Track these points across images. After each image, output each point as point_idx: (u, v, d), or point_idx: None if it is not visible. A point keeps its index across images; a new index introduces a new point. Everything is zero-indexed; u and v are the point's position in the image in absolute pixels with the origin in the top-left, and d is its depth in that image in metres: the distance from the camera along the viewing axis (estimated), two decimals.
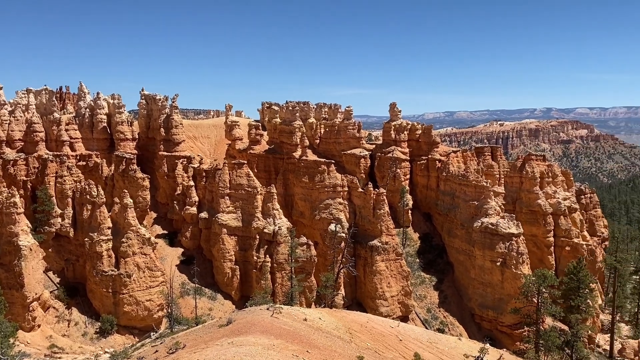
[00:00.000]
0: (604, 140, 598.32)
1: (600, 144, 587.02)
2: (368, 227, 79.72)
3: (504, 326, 74.57)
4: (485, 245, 75.13)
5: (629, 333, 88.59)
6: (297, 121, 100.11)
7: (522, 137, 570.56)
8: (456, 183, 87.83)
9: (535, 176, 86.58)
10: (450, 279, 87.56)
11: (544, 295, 61.38)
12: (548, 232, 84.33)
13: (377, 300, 76.15)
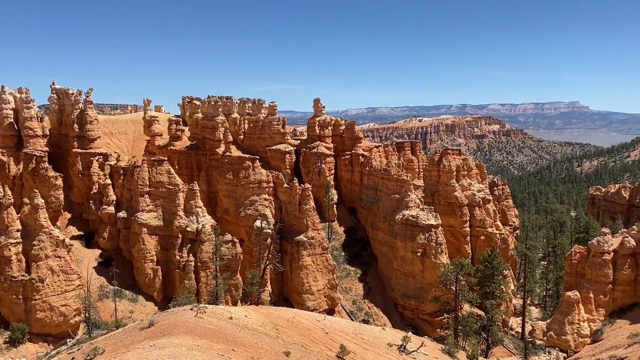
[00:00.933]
0: (514, 134, 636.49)
1: (511, 138, 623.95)
2: (294, 222, 79.93)
3: (425, 314, 77.48)
4: (407, 236, 77.61)
5: (539, 315, 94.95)
6: (220, 116, 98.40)
7: (439, 132, 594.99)
8: (379, 177, 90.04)
9: (451, 170, 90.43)
10: (374, 271, 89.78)
11: (462, 283, 64.39)
12: (464, 223, 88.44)
13: (303, 294, 76.59)
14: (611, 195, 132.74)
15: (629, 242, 64.66)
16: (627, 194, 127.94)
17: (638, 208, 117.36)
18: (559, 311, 65.41)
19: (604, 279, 64.21)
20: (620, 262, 64.57)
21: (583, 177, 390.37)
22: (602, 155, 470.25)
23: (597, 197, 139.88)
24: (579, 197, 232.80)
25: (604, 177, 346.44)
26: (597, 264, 64.80)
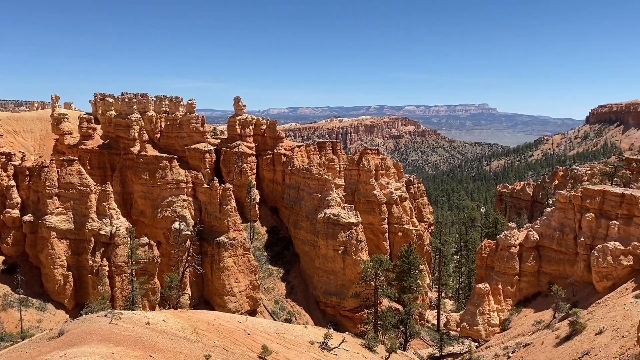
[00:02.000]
0: (428, 135, 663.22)
1: (426, 138, 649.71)
2: (215, 223, 78.46)
3: (346, 310, 78.86)
4: (328, 235, 78.58)
5: (453, 307, 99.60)
6: (134, 114, 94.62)
7: (359, 132, 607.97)
8: (301, 177, 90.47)
9: (371, 169, 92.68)
10: (297, 270, 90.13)
11: (381, 279, 66.12)
12: (383, 220, 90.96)
13: (225, 296, 75.40)
14: (517, 192, 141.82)
15: (533, 236, 69.27)
16: (531, 191, 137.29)
17: (541, 204, 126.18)
18: (470, 303, 68.93)
19: (511, 270, 68.39)
20: (525, 254, 69.07)
21: (492, 175, 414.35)
22: (509, 155, 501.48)
23: (504, 194, 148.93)
24: (488, 194, 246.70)
25: (510, 175, 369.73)
26: (504, 257, 68.89)
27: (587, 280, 63.03)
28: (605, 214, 64.13)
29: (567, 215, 68.26)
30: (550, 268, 68.06)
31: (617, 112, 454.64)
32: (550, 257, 68.37)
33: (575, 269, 64.96)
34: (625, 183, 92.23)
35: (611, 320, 49.96)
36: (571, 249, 66.41)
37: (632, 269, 58.55)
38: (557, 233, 67.93)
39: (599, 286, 59.94)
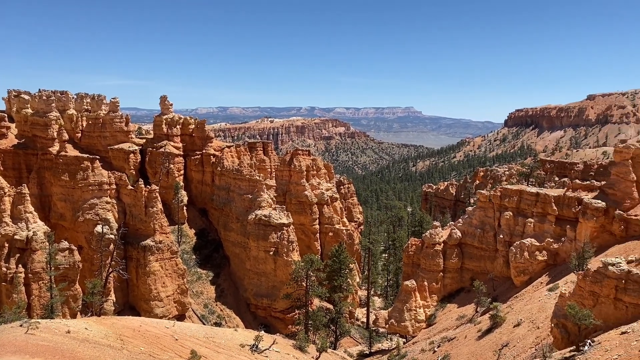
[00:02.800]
0: (358, 137, 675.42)
1: (355, 140, 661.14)
2: (140, 226, 75.78)
3: (277, 312, 78.68)
4: (259, 236, 78.07)
5: (381, 305, 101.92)
6: (53, 112, 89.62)
7: (290, 133, 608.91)
8: (231, 177, 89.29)
9: (302, 169, 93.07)
10: (227, 273, 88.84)
11: (312, 279, 66.55)
12: (314, 221, 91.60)
13: (151, 302, 73.00)
14: (441, 192, 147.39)
15: (456, 234, 72.15)
16: (454, 191, 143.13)
17: (463, 203, 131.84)
18: (398, 300, 70.82)
19: (435, 267, 70.86)
20: (449, 251, 71.82)
21: (418, 175, 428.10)
22: (433, 156, 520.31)
23: (429, 193, 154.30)
24: (414, 194, 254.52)
25: (435, 176, 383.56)
26: (430, 255, 71.30)
27: (506, 275, 66.51)
28: (522, 212, 67.95)
29: (487, 214, 71.72)
30: (472, 264, 71.21)
31: (532, 116, 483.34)
32: (472, 254, 71.53)
33: (495, 264, 68.37)
34: (540, 183, 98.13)
35: (528, 312, 52.97)
36: (491, 245, 69.83)
37: (547, 263, 62.39)
38: (478, 231, 71.20)
39: (516, 281, 63.42)
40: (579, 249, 55.06)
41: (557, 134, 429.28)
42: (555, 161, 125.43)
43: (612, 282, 34.94)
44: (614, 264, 35.48)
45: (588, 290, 36.43)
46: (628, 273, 34.68)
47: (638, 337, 30.54)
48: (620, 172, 59.58)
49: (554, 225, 63.85)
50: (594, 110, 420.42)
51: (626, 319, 33.65)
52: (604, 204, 58.29)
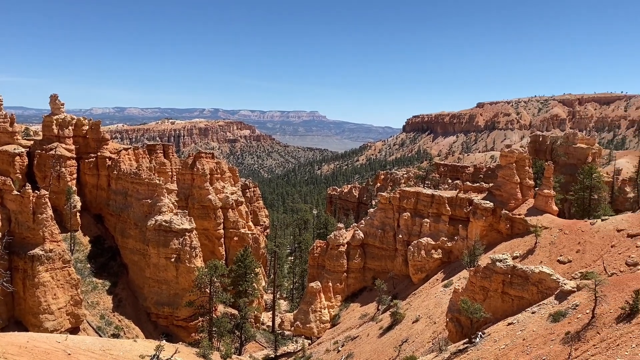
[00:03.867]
0: (264, 140, 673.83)
1: (261, 143, 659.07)
2: (27, 234, 70.01)
3: (179, 320, 76.19)
4: (160, 242, 75.18)
5: (287, 308, 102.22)
6: None
7: (193, 135, 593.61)
8: (129, 182, 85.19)
9: (205, 173, 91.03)
10: (125, 281, 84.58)
11: (216, 285, 65.26)
12: (218, 225, 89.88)
13: (41, 315, 67.68)
14: (345, 194, 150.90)
15: (358, 235, 74.13)
16: (357, 193, 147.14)
17: (366, 205, 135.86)
18: (303, 302, 71.44)
19: (340, 268, 72.31)
20: (352, 252, 73.61)
21: (323, 178, 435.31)
22: (338, 160, 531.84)
23: (333, 196, 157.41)
24: (319, 196, 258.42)
25: (339, 179, 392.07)
26: (334, 256, 72.65)
27: (406, 274, 69.42)
28: (419, 212, 71.28)
29: (388, 215, 74.48)
30: (374, 264, 73.57)
31: (428, 122, 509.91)
32: (374, 253, 73.90)
33: (395, 263, 71.15)
34: (435, 185, 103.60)
35: (425, 308, 55.63)
36: (391, 245, 72.58)
37: (441, 261, 65.92)
38: (379, 231, 73.71)
39: (414, 278, 66.40)
40: (470, 246, 58.81)
41: (450, 139, 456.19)
42: (448, 164, 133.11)
43: (500, 277, 37.64)
44: (501, 260, 38.25)
45: (479, 285, 38.96)
46: (513, 268, 37.53)
47: (522, 327, 33.14)
48: (506, 174, 64.47)
49: (448, 224, 67.70)
50: (483, 117, 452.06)
51: (512, 310, 36.42)
52: (492, 205, 62.75)
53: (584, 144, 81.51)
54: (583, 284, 33.74)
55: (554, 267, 48.55)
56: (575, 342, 28.95)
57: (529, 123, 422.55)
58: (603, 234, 52.05)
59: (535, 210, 61.29)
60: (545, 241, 55.39)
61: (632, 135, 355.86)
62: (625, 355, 26.02)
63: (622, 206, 77.00)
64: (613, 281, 33.04)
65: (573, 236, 54.17)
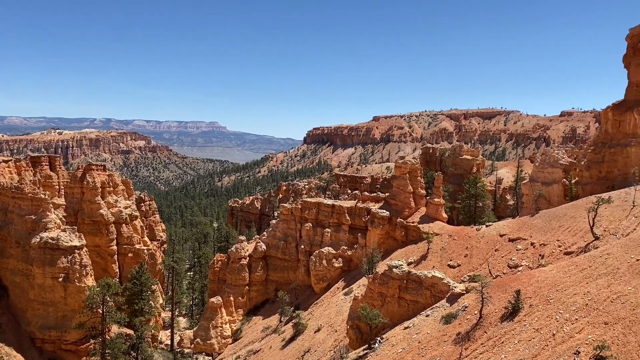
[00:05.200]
0: (160, 151, 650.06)
1: (157, 154, 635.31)
2: None
3: (69, 344, 70.87)
4: (46, 262, 69.64)
5: (186, 325, 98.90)
6: None
7: (82, 146, 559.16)
8: (9, 196, 78.15)
9: (96, 186, 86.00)
10: (5, 305, 77.19)
11: (109, 304, 61.65)
12: (111, 241, 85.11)
13: None
14: (246, 206, 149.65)
15: (261, 247, 73.84)
16: (259, 205, 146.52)
17: (268, 216, 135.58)
18: (204, 318, 69.64)
19: (241, 281, 71.48)
20: (255, 264, 73.12)
21: (223, 190, 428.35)
22: (239, 171, 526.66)
23: (235, 208, 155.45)
24: (220, 209, 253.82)
25: (240, 191, 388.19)
26: (235, 269, 71.70)
27: (308, 284, 70.14)
28: (320, 222, 72.53)
29: (290, 226, 74.98)
30: (277, 275, 73.59)
31: (327, 134, 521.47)
32: (276, 265, 73.94)
33: (298, 274, 71.67)
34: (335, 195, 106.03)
35: (327, 317, 56.51)
36: (294, 256, 73.08)
37: (342, 269, 67.44)
38: (281, 242, 73.94)
39: (316, 288, 67.28)
40: (369, 254, 60.79)
41: (349, 151, 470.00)
42: (347, 175, 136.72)
43: (396, 283, 39.25)
44: (397, 266, 39.93)
45: (377, 291, 40.34)
46: (408, 274, 39.32)
47: (418, 331, 34.76)
48: (400, 184, 67.59)
49: (348, 233, 69.54)
50: (378, 130, 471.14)
51: (408, 315, 38.10)
52: (388, 213, 65.45)
53: (469, 156, 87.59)
54: (471, 286, 36.14)
55: (445, 271, 51.54)
56: (466, 342, 30.88)
57: (420, 136, 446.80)
58: (488, 239, 56.19)
59: (427, 218, 64.80)
60: (437, 247, 58.69)
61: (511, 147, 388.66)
62: (509, 352, 28.19)
63: (504, 213, 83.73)
64: (497, 283, 35.72)
65: (461, 242, 57.91)
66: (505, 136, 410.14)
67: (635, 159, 60.33)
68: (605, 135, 66.03)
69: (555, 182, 64.51)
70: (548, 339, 27.53)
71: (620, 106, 64.22)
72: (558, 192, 64.16)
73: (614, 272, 30.76)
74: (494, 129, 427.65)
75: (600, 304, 28.20)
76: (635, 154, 60.55)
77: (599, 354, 24.20)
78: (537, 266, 44.21)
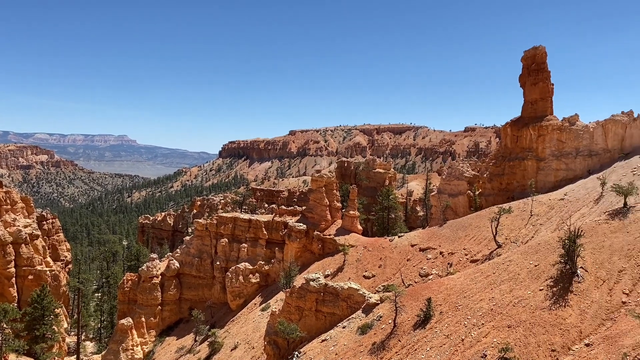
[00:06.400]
0: (64, 165, 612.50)
1: (61, 169, 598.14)
2: None
3: None
4: None
5: (94, 349, 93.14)
6: None
7: None
8: None
9: None
10: None
11: (6, 332, 56.86)
12: (9, 263, 78.60)
13: None
14: (158, 223, 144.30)
15: (174, 264, 71.47)
16: (172, 221, 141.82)
17: (181, 233, 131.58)
18: (113, 341, 66.02)
19: (153, 301, 68.67)
20: (167, 283, 70.60)
21: (133, 207, 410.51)
22: (150, 186, 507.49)
23: (146, 225, 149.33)
24: (130, 226, 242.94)
25: (152, 207, 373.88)
26: (147, 289, 68.80)
27: (224, 301, 68.71)
28: (237, 238, 71.51)
29: (205, 242, 73.28)
30: (191, 294, 71.47)
31: (244, 148, 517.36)
32: (190, 283, 71.83)
33: (213, 291, 70.02)
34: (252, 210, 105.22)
35: (244, 334, 55.59)
36: (209, 273, 71.40)
37: (259, 285, 66.80)
38: (196, 260, 72.02)
39: (233, 304, 66.06)
40: (286, 268, 60.69)
41: (266, 165, 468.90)
42: (264, 189, 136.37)
43: (314, 296, 39.46)
44: (314, 279, 40.18)
45: (294, 305, 40.31)
46: (325, 286, 39.68)
47: (335, 343, 35.08)
48: (317, 197, 68.33)
49: (265, 248, 69.09)
50: (295, 144, 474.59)
51: (326, 327, 38.37)
52: (305, 227, 65.84)
53: (382, 169, 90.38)
54: (385, 296, 37.11)
55: (361, 282, 52.59)
56: (381, 351, 31.60)
57: (335, 150, 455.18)
58: (400, 250, 58.08)
59: (343, 230, 65.92)
60: (353, 258, 59.78)
61: (420, 161, 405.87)
62: (422, 359, 29.17)
63: (415, 223, 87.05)
64: (410, 292, 36.96)
65: (376, 253, 59.41)
66: (415, 150, 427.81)
67: (532, 172, 65.23)
68: (505, 149, 70.85)
69: (461, 193, 68.09)
70: (457, 344, 28.82)
71: (518, 122, 69.29)
72: (464, 203, 67.74)
73: (515, 278, 32.86)
74: (404, 143, 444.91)
75: (504, 308, 29.98)
76: (531, 167, 65.45)
77: (504, 356, 25.67)
78: (446, 274, 46.30)
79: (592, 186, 54.70)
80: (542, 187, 63.14)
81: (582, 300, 28.77)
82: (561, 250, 31.83)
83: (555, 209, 53.19)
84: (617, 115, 64.27)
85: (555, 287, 30.11)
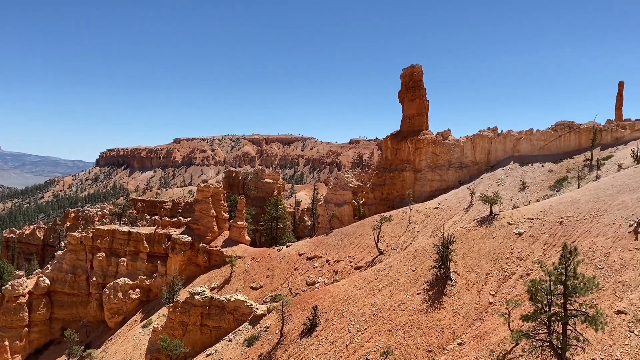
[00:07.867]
0: None
1: None
2: None
3: None
4: None
5: None
6: None
7: None
8: None
9: None
10: None
11: None
12: None
13: None
14: (26, 237, 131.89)
15: (43, 282, 65.75)
16: (42, 235, 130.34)
17: (53, 247, 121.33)
18: None
19: (19, 323, 62.63)
20: (36, 302, 64.76)
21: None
22: (17, 197, 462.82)
23: (11, 239, 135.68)
24: None
25: (19, 219, 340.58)
26: (12, 309, 62.62)
27: (101, 319, 64.37)
28: (115, 252, 67.49)
29: (79, 257, 68.33)
30: (64, 313, 66.18)
31: (124, 156, 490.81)
32: (63, 301, 66.51)
33: (89, 309, 65.36)
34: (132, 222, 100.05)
35: (123, 353, 52.48)
36: (84, 290, 66.60)
37: (140, 301, 63.54)
38: (69, 276, 66.92)
39: (110, 323, 62.13)
40: (169, 282, 58.36)
41: (148, 174, 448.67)
42: (146, 200, 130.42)
43: (199, 310, 38.36)
44: (199, 292, 39.10)
45: (178, 320, 38.87)
46: (211, 299, 38.77)
47: (220, 356, 34.33)
48: (203, 208, 66.69)
49: (147, 262, 65.94)
50: (180, 153, 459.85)
51: (211, 341, 37.45)
52: (190, 239, 63.91)
53: (270, 179, 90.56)
54: (272, 306, 37.10)
55: (248, 293, 52.10)
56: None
57: (223, 159, 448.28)
58: (288, 259, 58.48)
59: (231, 241, 64.93)
60: (240, 270, 59.07)
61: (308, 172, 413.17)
62: None
63: (303, 233, 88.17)
64: (297, 300, 37.29)
65: (264, 263, 59.25)
66: (303, 161, 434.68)
67: (410, 182, 69.22)
68: (386, 161, 74.49)
69: (346, 203, 70.29)
70: (342, 350, 29.57)
71: (397, 136, 73.25)
72: (349, 212, 69.97)
73: (395, 283, 34.51)
74: (293, 154, 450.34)
75: (385, 313, 31.32)
76: (409, 178, 69.44)
77: (385, 359, 26.77)
78: (332, 282, 47.40)
79: (462, 196, 59.29)
80: (419, 196, 67.25)
81: (454, 302, 30.93)
82: (436, 255, 34.02)
83: (431, 217, 56.87)
84: (483, 131, 70.47)
85: (431, 291, 32.08)
